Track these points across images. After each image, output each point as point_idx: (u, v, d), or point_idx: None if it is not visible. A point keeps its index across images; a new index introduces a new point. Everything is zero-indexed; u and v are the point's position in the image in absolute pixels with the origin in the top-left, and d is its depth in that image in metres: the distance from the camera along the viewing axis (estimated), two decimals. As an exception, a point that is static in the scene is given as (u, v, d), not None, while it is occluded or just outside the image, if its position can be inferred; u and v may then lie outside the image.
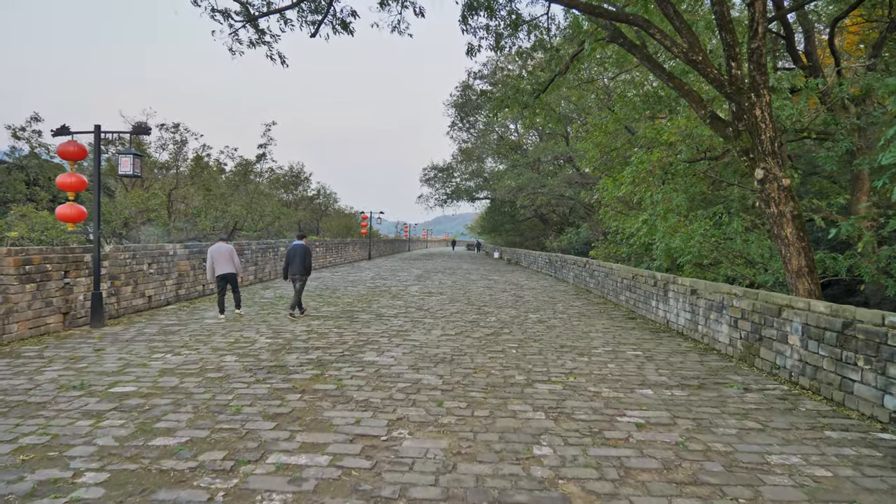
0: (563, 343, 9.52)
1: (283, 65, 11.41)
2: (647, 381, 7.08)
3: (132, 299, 12.72)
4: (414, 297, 15.95)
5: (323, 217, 55.77)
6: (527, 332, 10.57)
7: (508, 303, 15.23)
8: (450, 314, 12.74)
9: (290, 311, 11.95)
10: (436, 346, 8.92)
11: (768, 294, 8.05)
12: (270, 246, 22.22)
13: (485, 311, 13.48)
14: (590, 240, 36.68)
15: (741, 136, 10.10)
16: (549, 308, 14.33)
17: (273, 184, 52.48)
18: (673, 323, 11.40)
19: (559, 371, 7.47)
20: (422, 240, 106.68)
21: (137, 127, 10.56)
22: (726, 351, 8.99)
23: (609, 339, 9.99)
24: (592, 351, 8.91)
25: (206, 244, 16.79)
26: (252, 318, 11.74)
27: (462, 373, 7.22)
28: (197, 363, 7.52)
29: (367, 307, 13.67)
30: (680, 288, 11.15)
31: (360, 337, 9.60)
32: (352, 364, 7.57)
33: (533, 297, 17.04)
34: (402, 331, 10.32)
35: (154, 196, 25.15)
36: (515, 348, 8.94)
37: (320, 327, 10.57)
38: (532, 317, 12.64)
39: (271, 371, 7.12)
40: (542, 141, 45.37)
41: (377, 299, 15.38)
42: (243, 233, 26.81)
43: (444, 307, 13.97)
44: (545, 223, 51.59)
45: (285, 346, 8.77)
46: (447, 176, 53.51)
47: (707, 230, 12.46)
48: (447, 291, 17.98)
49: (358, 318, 11.74)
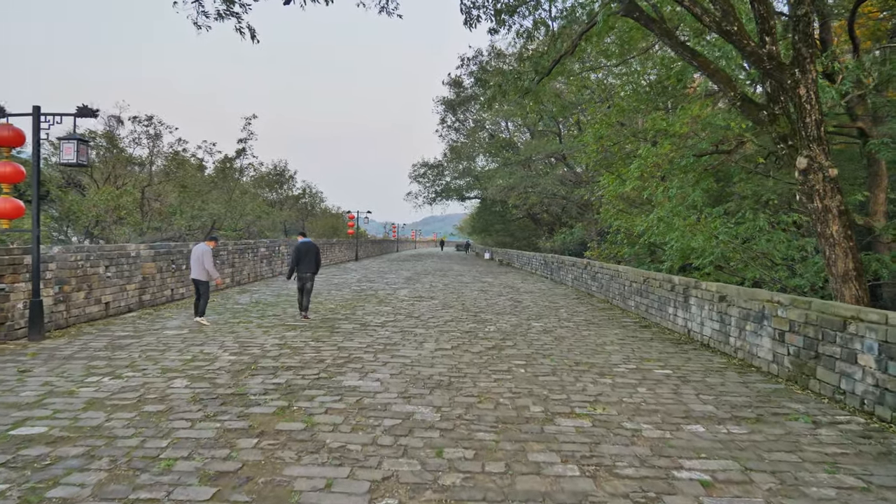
0: (577, 359, 8.18)
1: (252, 39, 9.99)
2: (692, 412, 5.76)
3: (85, 307, 11.23)
4: (403, 303, 14.56)
5: (308, 217, 54.20)
6: (532, 344, 9.23)
7: (507, 308, 13.88)
8: (443, 322, 11.37)
9: (303, 313, 11.68)
10: (429, 365, 7.54)
11: (826, 303, 6.76)
12: (249, 246, 20.73)
13: (482, 318, 12.13)
14: (584, 240, 35.53)
15: (778, 121, 8.84)
16: (553, 315, 13.00)
17: (257, 182, 50.91)
18: (696, 333, 10.11)
19: (582, 398, 6.13)
20: (410, 240, 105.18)
21: (82, 109, 9.10)
22: (769, 369, 7.70)
23: (629, 354, 8.67)
24: (614, 369, 7.57)
25: (177, 244, 15.33)
26: (219, 328, 10.30)
27: (464, 402, 5.85)
28: (137, 390, 6.09)
29: (351, 314, 12.26)
30: (705, 294, 9.86)
31: (340, 353, 8.19)
32: (328, 391, 6.17)
33: (532, 301, 15.71)
34: (389, 344, 8.93)
35: (126, 193, 23.55)
36: (523, 367, 7.58)
37: (295, 340, 9.15)
38: (535, 325, 11.30)
39: (227, 402, 5.70)
40: (533, 139, 44.16)
41: (362, 305, 13.98)
42: (222, 232, 25.26)
43: (437, 314, 12.60)
44: (536, 223, 50.34)
45: (250, 365, 7.35)
46: (437, 173, 52.12)
47: (730, 228, 11.20)
48: (439, 295, 16.62)
49: (340, 329, 10.34)
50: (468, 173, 51.36)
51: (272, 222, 42.09)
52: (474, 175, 50.68)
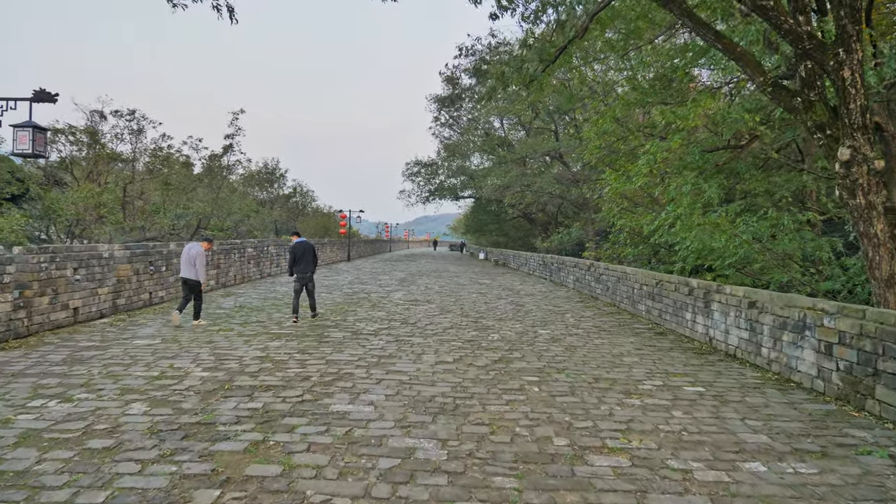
0: (595, 374, 7.27)
1: (231, 19, 9.02)
2: (744, 443, 4.86)
3: (50, 313, 10.23)
4: (398, 307, 13.62)
5: (299, 217, 53.15)
6: (543, 356, 8.31)
7: (509, 313, 12.97)
8: (442, 330, 10.44)
9: (312, 313, 11.74)
10: (430, 383, 6.60)
11: (885, 313, 5.88)
12: (236, 246, 19.73)
13: (483, 324, 11.21)
14: (582, 240, 34.70)
15: (814, 108, 7.97)
16: (559, 320, 12.10)
17: (247, 181, 49.81)
18: (719, 342, 9.23)
19: (611, 426, 5.21)
20: (403, 240, 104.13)
21: (39, 94, 8.12)
22: (813, 385, 6.82)
23: (651, 367, 7.77)
24: (639, 387, 6.67)
25: (156, 245, 14.34)
26: (196, 337, 9.33)
27: (474, 434, 4.92)
28: (85, 418, 5.13)
29: (342, 321, 11.32)
30: (730, 299, 8.98)
31: (328, 368, 7.24)
32: (312, 419, 5.23)
33: (534, 305, 14.81)
34: (384, 356, 7.99)
35: (108, 191, 22.49)
36: (537, 384, 6.67)
37: (279, 351, 8.19)
38: (542, 333, 10.40)
39: (190, 434, 4.75)
40: (529, 137, 43.31)
41: (354, 310, 13.03)
42: (208, 232, 24.20)
43: (435, 320, 11.67)
44: (531, 223, 49.47)
45: (224, 384, 6.39)
46: (431, 172, 51.14)
47: (753, 227, 10.32)
48: (435, 299, 15.68)
49: (329, 338, 9.39)
50: (462, 172, 50.43)
51: (262, 222, 41.08)
52: (468, 174, 49.75)
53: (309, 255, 11.56)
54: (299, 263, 11.48)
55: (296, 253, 11.56)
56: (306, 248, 11.63)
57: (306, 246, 11.67)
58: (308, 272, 11.52)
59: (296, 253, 11.56)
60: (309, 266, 11.53)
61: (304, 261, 11.48)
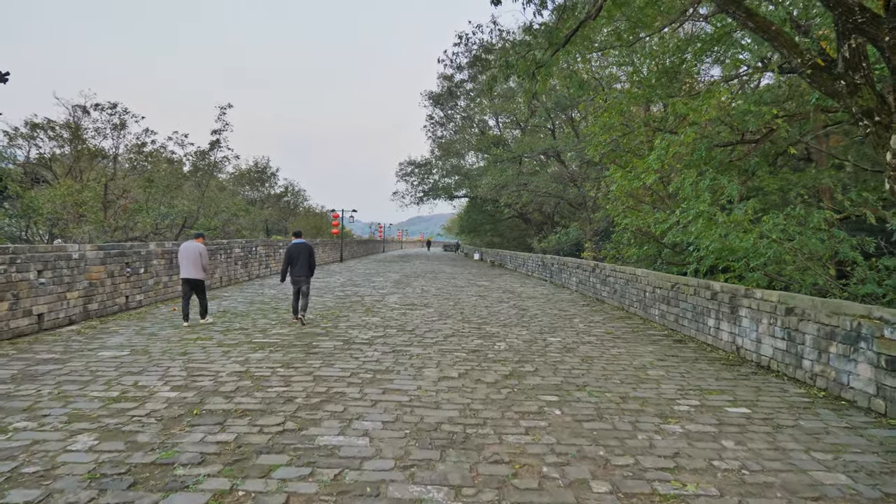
0: (621, 391, 6.38)
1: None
2: (822, 486, 3.98)
3: (10, 320, 9.25)
4: (393, 312, 12.70)
5: (290, 216, 52.11)
6: (558, 369, 7.41)
7: (513, 318, 12.07)
8: (443, 338, 9.53)
9: (300, 314, 10.82)
10: (434, 405, 5.69)
11: (967, 323, 5.02)
12: (221, 247, 18.75)
13: (487, 331, 10.31)
14: (580, 240, 33.89)
15: (860, 92, 7.11)
16: (567, 326, 11.22)
17: (237, 179, 48.73)
18: (749, 352, 8.36)
19: (655, 463, 4.32)
20: (396, 240, 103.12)
21: (-12, 71, 7.14)
22: (871, 405, 5.95)
23: (681, 382, 6.89)
24: (674, 408, 5.79)
25: (133, 245, 13.37)
26: (169, 347, 8.37)
27: (492, 477, 4.01)
28: (15, 457, 4.18)
29: (333, 328, 10.38)
30: (762, 304, 8.11)
31: (316, 386, 6.31)
32: (294, 456, 4.30)
33: (538, 308, 13.92)
34: (380, 371, 7.06)
35: (87, 188, 21.42)
36: (558, 405, 5.77)
37: (260, 365, 7.26)
38: (552, 341, 9.51)
39: (139, 481, 3.82)
40: (525, 136, 42.48)
41: (346, 315, 12.09)
42: (194, 231, 23.17)
43: (434, 326, 10.76)
44: (527, 223, 48.63)
45: (193, 408, 5.45)
46: (425, 172, 50.20)
47: (782, 225, 9.47)
48: (433, 302, 14.77)
49: (318, 348, 8.45)
50: (457, 171, 49.55)
51: (252, 221, 40.07)
52: (463, 173, 48.88)
53: (304, 257, 10.98)
54: (294, 266, 10.97)
55: (292, 254, 11.02)
56: (302, 249, 11.06)
57: (303, 248, 11.10)
58: (303, 275, 10.95)
59: (292, 254, 11.02)
60: (303, 269, 10.95)
61: (298, 263, 10.95)
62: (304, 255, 11.01)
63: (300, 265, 10.95)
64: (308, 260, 11.02)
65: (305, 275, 10.99)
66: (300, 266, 10.95)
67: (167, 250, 14.90)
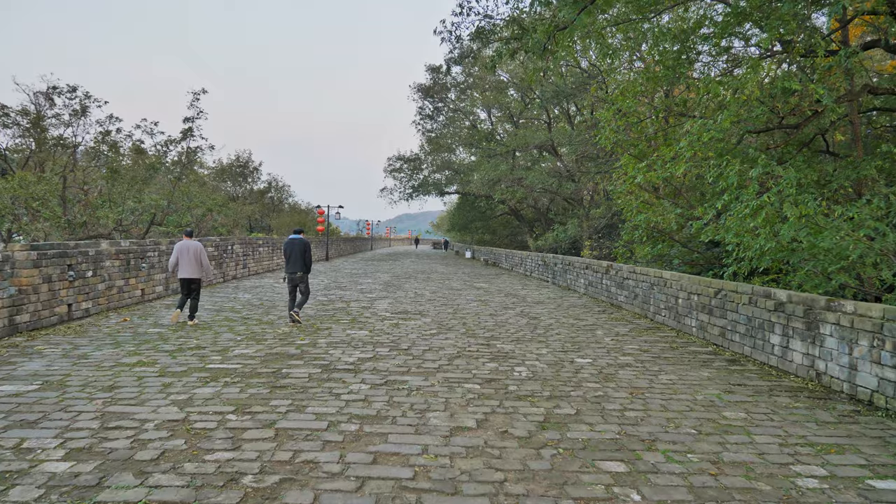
0: (708, 450, 4.55)
1: None
2: None
3: None
4: (384, 323, 10.81)
5: (274, 213, 49.97)
6: (607, 411, 5.57)
7: (525, 330, 10.24)
8: (447, 360, 7.66)
9: (292, 311, 10.41)
10: (451, 487, 3.80)
11: None
12: (190, 245, 16.73)
13: (498, 348, 8.47)
14: (578, 237, 32.22)
15: None
16: (592, 340, 9.40)
17: (218, 174, 46.52)
18: (837, 380, 6.58)
19: None
20: (385, 238, 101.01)
21: None
22: None
23: (777, 432, 5.07)
24: (798, 484, 3.97)
25: (80, 245, 11.41)
26: (95, 378, 6.43)
27: None
28: None
29: (311, 345, 8.48)
30: (858, 321, 6.33)
31: (277, 449, 4.40)
32: None
33: (551, 317, 12.09)
34: (368, 419, 5.18)
35: (43, 181, 19.27)
36: (631, 483, 3.92)
37: (206, 409, 5.35)
38: (582, 363, 7.68)
39: None
40: (519, 129, 40.67)
41: (328, 327, 10.20)
42: (163, 229, 21.11)
43: (434, 342, 8.89)
44: (520, 220, 46.88)
45: (83, 497, 3.55)
46: (414, 167, 48.24)
47: (867, 217, 7.71)
48: (429, 309, 12.90)
49: (288, 378, 6.55)
50: (447, 166, 47.67)
51: (234, 217, 37.96)
52: (454, 168, 46.99)
53: (297, 253, 10.63)
54: (288, 262, 10.67)
55: (286, 250, 10.75)
56: (296, 245, 10.70)
57: (297, 243, 10.72)
58: (297, 272, 10.60)
59: (286, 250, 10.75)
60: (296, 265, 10.60)
61: (291, 260, 10.62)
62: (298, 251, 10.62)
63: (293, 261, 10.59)
64: (302, 255, 10.63)
65: (300, 270, 10.60)
66: (293, 262, 10.58)
67: (123, 250, 12.92)
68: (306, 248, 10.75)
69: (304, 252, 10.67)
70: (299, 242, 10.73)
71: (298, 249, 10.65)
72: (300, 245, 10.69)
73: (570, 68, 31.01)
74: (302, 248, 10.68)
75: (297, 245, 10.68)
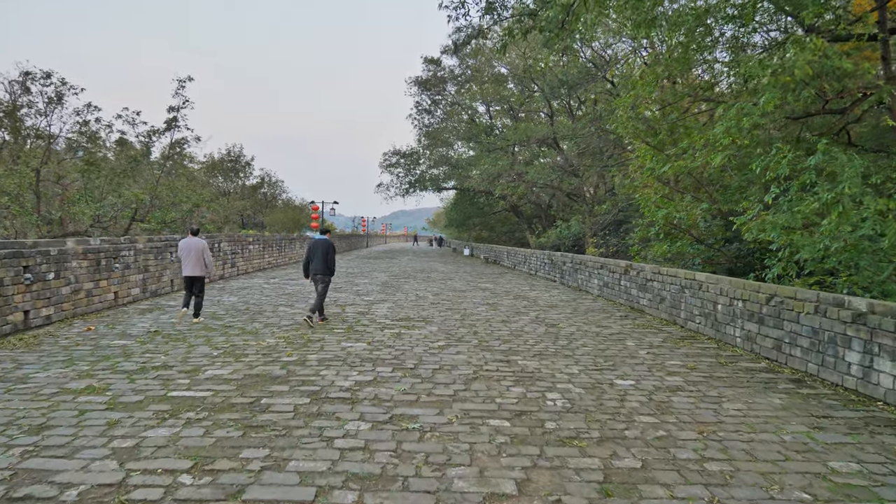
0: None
1: None
2: None
3: None
4: (384, 333, 9.51)
5: (267, 209, 48.57)
6: (679, 462, 4.29)
7: (545, 341, 8.95)
8: (464, 383, 6.37)
9: (308, 314, 10.16)
10: None
11: None
12: (172, 243, 15.39)
13: (520, 366, 7.18)
14: (581, 235, 30.98)
15: None
16: (625, 354, 8.12)
17: (209, 169, 45.07)
18: (950, 412, 5.32)
19: None
20: (380, 235, 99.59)
21: None
22: None
23: (916, 495, 3.81)
24: None
25: (39, 244, 10.08)
26: (26, 412, 5.10)
27: None
28: None
29: (299, 365, 7.16)
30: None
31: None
32: None
33: (571, 324, 10.81)
34: (370, 479, 3.85)
35: (13, 174, 17.86)
36: None
37: (152, 464, 4.02)
38: (623, 385, 6.39)
39: None
40: (518, 123, 39.34)
41: (321, 338, 8.89)
42: (144, 225, 19.71)
43: (444, 359, 7.59)
44: (519, 216, 45.54)
45: None
46: (411, 162, 46.87)
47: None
48: (433, 315, 11.60)
49: (268, 412, 5.22)
50: (445, 161, 46.30)
51: (225, 214, 36.54)
52: (452, 163, 45.63)
53: (319, 254, 10.54)
54: (311, 262, 10.62)
55: (309, 250, 10.75)
56: (319, 246, 10.64)
57: (320, 244, 10.66)
58: (318, 273, 10.53)
59: (309, 250, 10.75)
60: (320, 266, 10.51)
61: (314, 260, 10.54)
62: (321, 252, 10.52)
63: (316, 261, 10.53)
64: (324, 256, 10.54)
65: (322, 272, 10.51)
66: (316, 262, 10.53)
67: (93, 249, 11.58)
68: (329, 249, 10.63)
69: (326, 253, 10.57)
70: (322, 244, 10.61)
71: (322, 250, 10.56)
72: (323, 245, 10.59)
73: (573, 57, 29.76)
74: (325, 248, 10.58)
75: (321, 246, 10.59)
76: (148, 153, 19.97)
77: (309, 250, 10.79)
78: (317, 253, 10.60)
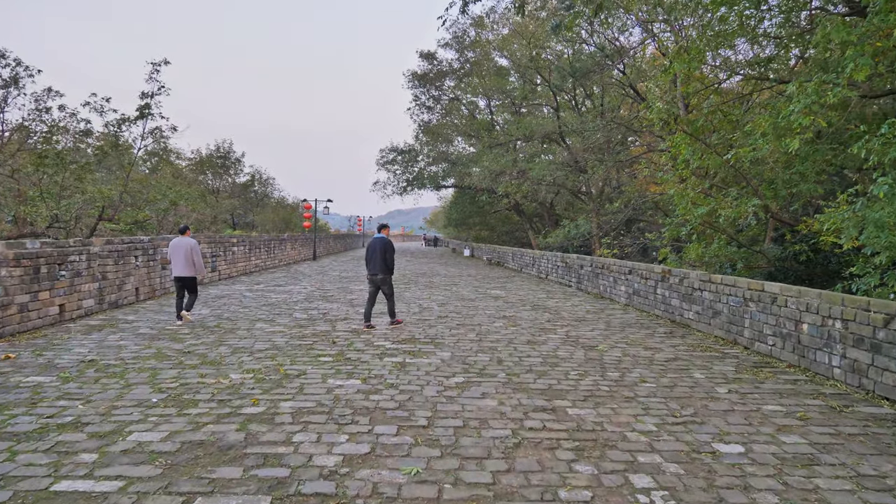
0: None
1: None
2: None
3: None
4: (385, 363, 7.48)
5: (258, 208, 46.45)
6: None
7: (592, 374, 6.95)
8: (503, 456, 4.35)
9: (365, 322, 9.98)
10: None
11: None
12: (137, 245, 13.32)
13: (575, 421, 5.19)
14: (590, 235, 29.06)
15: None
16: (703, 395, 6.13)
17: (197, 167, 42.98)
18: None
19: None
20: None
21: None
22: None
23: None
24: None
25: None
26: None
27: None
28: None
29: (264, 424, 5.13)
30: None
31: None
32: None
33: (611, 345, 8.80)
34: None
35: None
36: None
37: None
38: (731, 455, 4.40)
39: None
40: (521, 118, 37.36)
41: (301, 371, 6.85)
42: (111, 226, 17.61)
43: (468, 410, 5.57)
44: (521, 215, 43.51)
45: None
46: (409, 159, 44.88)
47: None
48: (443, 334, 9.60)
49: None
50: (444, 158, 44.33)
51: (214, 213, 34.44)
52: (451, 160, 43.64)
53: (377, 254, 10.04)
54: (368, 263, 10.23)
55: (367, 251, 10.27)
56: (376, 245, 10.15)
57: (376, 243, 10.16)
58: (377, 273, 10.08)
59: (367, 251, 10.27)
60: (376, 267, 10.07)
61: (372, 261, 10.13)
62: (377, 252, 10.04)
63: (373, 262, 10.10)
64: (382, 256, 10.04)
65: (381, 272, 10.06)
66: (373, 263, 10.09)
67: (29, 254, 9.54)
68: (387, 248, 10.12)
69: (384, 252, 10.05)
70: (379, 243, 10.16)
71: (378, 251, 10.07)
72: (380, 244, 10.11)
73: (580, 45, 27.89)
74: (382, 247, 10.08)
75: (377, 245, 10.13)
76: (116, 144, 17.82)
77: (367, 250, 10.32)
78: (374, 253, 10.09)
